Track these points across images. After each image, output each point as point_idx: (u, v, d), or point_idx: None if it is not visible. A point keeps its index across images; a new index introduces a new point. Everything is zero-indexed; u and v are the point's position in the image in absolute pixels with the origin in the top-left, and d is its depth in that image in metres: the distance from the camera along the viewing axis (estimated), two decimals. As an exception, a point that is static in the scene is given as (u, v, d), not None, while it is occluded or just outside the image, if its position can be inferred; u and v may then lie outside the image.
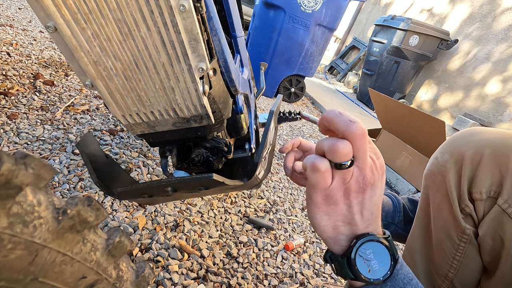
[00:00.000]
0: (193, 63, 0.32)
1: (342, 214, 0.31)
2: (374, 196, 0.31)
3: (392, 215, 0.60)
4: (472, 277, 0.48)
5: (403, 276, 0.31)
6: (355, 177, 0.30)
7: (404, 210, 0.62)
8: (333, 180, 0.30)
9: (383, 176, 0.32)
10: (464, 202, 0.45)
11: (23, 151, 0.20)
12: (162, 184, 0.37)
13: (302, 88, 2.89)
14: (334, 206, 0.31)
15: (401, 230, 0.61)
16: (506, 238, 0.40)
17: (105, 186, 0.39)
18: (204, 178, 0.36)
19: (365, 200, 0.31)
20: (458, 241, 0.46)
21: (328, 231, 0.32)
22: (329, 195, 0.30)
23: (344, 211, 0.31)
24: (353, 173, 0.30)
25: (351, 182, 0.30)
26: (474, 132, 0.47)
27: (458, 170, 0.45)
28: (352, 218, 0.31)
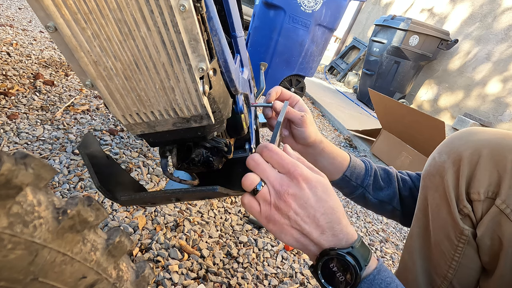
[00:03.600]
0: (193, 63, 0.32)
1: (290, 228, 0.34)
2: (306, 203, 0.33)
3: (362, 178, 0.61)
4: (471, 277, 0.48)
5: (380, 281, 0.32)
6: (272, 194, 0.34)
7: (375, 175, 0.62)
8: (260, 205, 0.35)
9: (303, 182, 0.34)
10: (462, 203, 0.44)
11: (23, 151, 0.20)
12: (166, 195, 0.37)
13: (302, 88, 2.89)
14: (279, 224, 0.34)
15: (368, 193, 0.62)
16: (505, 239, 0.40)
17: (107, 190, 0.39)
18: (209, 190, 0.36)
19: (298, 208, 0.33)
20: (456, 241, 0.46)
21: (295, 245, 0.35)
22: (268, 217, 0.34)
23: (289, 225, 0.34)
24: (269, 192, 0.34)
25: (273, 200, 0.34)
26: (471, 132, 0.47)
27: (456, 170, 0.45)
28: (302, 229, 0.34)
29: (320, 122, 2.80)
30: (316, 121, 2.77)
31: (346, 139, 2.47)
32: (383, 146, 2.11)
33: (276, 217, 0.34)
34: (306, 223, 0.33)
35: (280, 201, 0.33)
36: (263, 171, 0.36)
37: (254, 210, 0.35)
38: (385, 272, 0.33)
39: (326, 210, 0.34)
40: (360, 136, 2.50)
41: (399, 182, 0.63)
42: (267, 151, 0.36)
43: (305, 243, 0.34)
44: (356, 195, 0.62)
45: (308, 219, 0.33)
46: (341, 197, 1.50)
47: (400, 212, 0.63)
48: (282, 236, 0.35)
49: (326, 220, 0.33)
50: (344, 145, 2.35)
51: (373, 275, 0.32)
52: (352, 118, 3.07)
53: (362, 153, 2.26)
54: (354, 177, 0.60)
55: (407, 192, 0.62)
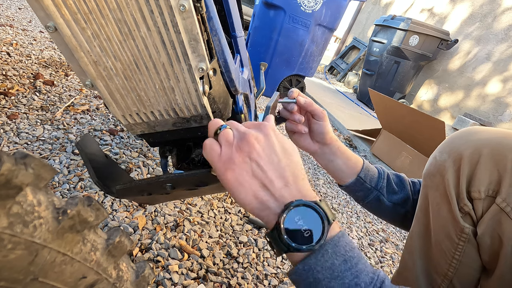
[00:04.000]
0: (193, 63, 0.32)
1: (250, 177, 0.30)
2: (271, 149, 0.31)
3: (376, 181, 0.61)
4: (471, 276, 0.48)
5: (344, 244, 0.30)
6: (236, 135, 0.32)
7: (388, 179, 0.62)
8: (221, 147, 0.32)
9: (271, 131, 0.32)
10: (463, 201, 0.45)
11: (23, 151, 0.20)
12: (160, 181, 0.37)
13: (302, 88, 2.89)
14: (238, 171, 0.30)
15: (382, 196, 0.61)
16: (505, 237, 0.41)
17: (104, 185, 0.39)
18: (202, 173, 0.36)
19: (261, 151, 0.31)
20: (457, 240, 0.46)
21: (253, 202, 0.31)
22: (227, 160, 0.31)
23: (250, 171, 0.30)
24: (233, 133, 0.32)
25: (235, 141, 0.32)
26: (472, 131, 0.47)
27: (456, 169, 0.45)
28: (263, 178, 0.30)
29: (320, 122, 2.80)
30: (316, 121, 2.77)
31: (346, 139, 2.47)
32: (383, 146, 2.11)
33: (236, 160, 0.30)
34: (268, 170, 0.30)
35: (243, 141, 0.31)
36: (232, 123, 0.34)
37: (214, 152, 0.32)
38: (347, 237, 0.32)
39: (291, 162, 0.31)
40: (360, 136, 2.50)
41: (411, 186, 0.64)
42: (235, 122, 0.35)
43: (265, 199, 0.30)
44: (370, 198, 0.61)
45: (271, 165, 0.31)
46: (340, 196, 1.50)
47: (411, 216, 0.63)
48: (239, 190, 0.31)
49: (290, 172, 0.31)
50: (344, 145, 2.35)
51: (337, 237, 0.30)
52: (352, 118, 3.07)
53: (362, 153, 2.26)
54: (368, 179, 0.60)
55: (417, 196, 0.62)
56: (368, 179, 0.60)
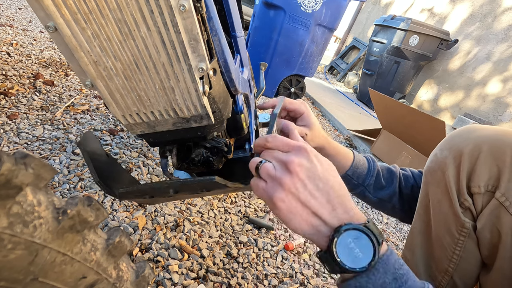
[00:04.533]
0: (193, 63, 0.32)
1: (299, 206, 0.31)
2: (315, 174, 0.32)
3: (364, 178, 0.61)
4: (471, 272, 0.48)
5: (394, 261, 0.31)
6: (277, 167, 0.32)
7: (377, 175, 0.62)
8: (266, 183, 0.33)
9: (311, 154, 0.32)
10: (463, 196, 0.45)
11: (23, 151, 0.20)
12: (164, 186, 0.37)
13: (302, 88, 2.89)
14: (287, 202, 0.31)
15: (368, 192, 0.62)
16: (503, 231, 0.41)
17: (106, 185, 0.39)
18: (206, 181, 0.36)
19: (306, 180, 0.31)
20: (457, 235, 0.47)
21: (306, 229, 0.32)
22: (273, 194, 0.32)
23: (299, 201, 0.31)
24: (274, 166, 0.33)
25: (278, 173, 0.32)
26: (472, 129, 0.48)
27: (457, 165, 0.46)
28: (312, 206, 0.31)
29: (320, 122, 2.80)
30: (316, 121, 2.77)
31: (346, 139, 2.47)
32: (383, 146, 2.11)
33: (283, 192, 0.31)
34: (315, 197, 0.31)
35: (286, 173, 0.31)
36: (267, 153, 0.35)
37: (260, 189, 0.33)
38: (395, 253, 0.33)
39: (335, 184, 0.32)
40: (360, 136, 2.50)
41: (401, 181, 0.64)
42: (271, 137, 0.35)
43: (316, 224, 0.32)
44: (356, 192, 0.63)
45: (318, 192, 0.31)
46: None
47: (399, 210, 0.64)
48: (291, 218, 0.32)
49: (336, 195, 0.32)
50: (344, 145, 2.35)
51: (387, 255, 0.31)
52: (352, 118, 3.07)
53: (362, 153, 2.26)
54: (355, 176, 0.61)
55: (409, 190, 0.63)
56: (355, 176, 0.61)
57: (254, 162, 0.35)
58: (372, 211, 1.49)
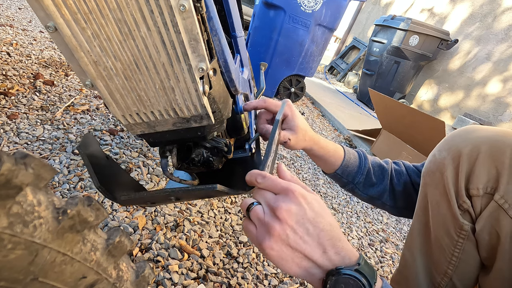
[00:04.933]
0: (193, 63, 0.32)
1: (291, 251, 0.31)
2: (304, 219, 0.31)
3: (353, 176, 0.61)
4: (470, 273, 0.48)
5: None
6: (266, 211, 0.32)
7: (368, 173, 0.62)
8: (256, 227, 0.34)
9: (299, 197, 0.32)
10: (462, 198, 0.45)
11: (23, 151, 0.20)
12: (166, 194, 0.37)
13: (302, 88, 2.89)
14: (277, 247, 0.31)
15: (357, 189, 0.62)
16: (502, 234, 0.41)
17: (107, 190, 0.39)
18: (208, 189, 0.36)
19: (294, 225, 0.31)
20: (456, 237, 0.47)
21: (298, 272, 0.32)
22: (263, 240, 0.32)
23: (289, 247, 0.31)
24: (264, 209, 0.33)
25: (266, 218, 0.32)
26: (471, 129, 0.48)
27: (455, 167, 0.46)
28: (302, 250, 0.31)
29: (320, 122, 2.80)
30: (316, 121, 2.77)
31: (346, 139, 2.47)
32: (383, 146, 2.11)
33: (272, 239, 0.31)
34: (305, 242, 0.31)
35: (275, 219, 0.31)
36: (258, 193, 0.35)
37: (250, 233, 0.34)
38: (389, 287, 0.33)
39: (325, 226, 0.32)
40: (360, 136, 2.50)
41: (393, 178, 0.63)
42: (261, 178, 0.35)
43: (307, 267, 0.32)
44: (346, 188, 0.64)
45: (308, 236, 0.31)
46: (340, 196, 1.50)
47: (389, 206, 0.64)
48: (282, 263, 0.32)
49: (327, 237, 0.32)
50: (344, 145, 2.35)
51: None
52: (352, 118, 3.07)
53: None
54: (345, 175, 0.62)
55: (401, 186, 0.63)
56: (345, 175, 0.61)
57: (245, 203, 0.35)
58: (372, 211, 1.49)
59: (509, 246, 0.41)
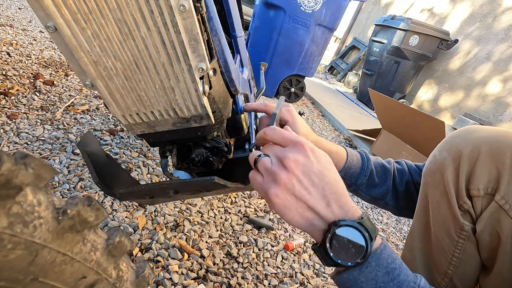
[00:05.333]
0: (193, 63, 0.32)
1: (295, 200, 0.32)
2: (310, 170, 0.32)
3: (356, 177, 0.61)
4: (471, 273, 0.48)
5: (387, 256, 0.32)
6: (274, 161, 0.33)
7: (370, 174, 0.62)
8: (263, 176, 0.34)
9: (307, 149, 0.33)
10: (462, 199, 0.45)
11: (23, 151, 0.20)
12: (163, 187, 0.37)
13: (302, 88, 2.89)
14: (281, 196, 0.32)
15: (360, 191, 0.62)
16: (503, 234, 0.41)
17: (106, 186, 0.39)
18: (206, 181, 0.36)
19: (301, 175, 0.32)
20: (457, 238, 0.47)
21: (301, 222, 0.33)
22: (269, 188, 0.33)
23: (293, 196, 0.32)
24: (271, 160, 0.33)
25: (274, 167, 0.33)
26: (471, 130, 0.47)
27: (456, 167, 0.46)
28: (306, 200, 0.32)
29: (320, 122, 2.80)
30: (316, 121, 2.77)
31: (346, 139, 2.47)
32: (383, 146, 2.11)
33: (278, 187, 0.32)
34: (310, 192, 0.32)
35: (282, 168, 0.32)
36: (267, 147, 0.35)
37: (256, 182, 0.34)
38: (389, 248, 0.33)
39: (330, 180, 0.32)
40: (360, 136, 2.50)
41: (395, 178, 0.63)
42: (269, 129, 0.36)
43: (310, 218, 0.32)
44: (349, 190, 0.63)
45: (313, 188, 0.32)
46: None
47: (392, 206, 0.63)
48: (287, 212, 0.32)
49: (331, 191, 0.32)
50: (344, 145, 2.35)
51: (380, 250, 0.32)
52: (352, 118, 3.07)
53: (362, 153, 2.26)
54: (348, 176, 0.61)
55: (403, 186, 0.62)
56: (348, 176, 0.61)
57: (253, 155, 0.36)
58: (373, 211, 1.49)
59: (510, 246, 0.40)
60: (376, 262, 0.31)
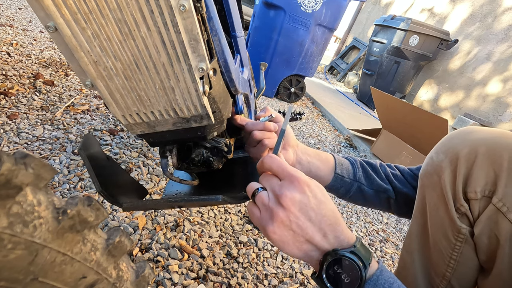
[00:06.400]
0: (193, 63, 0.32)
1: (292, 235, 0.33)
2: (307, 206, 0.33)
3: (353, 173, 0.61)
4: (469, 276, 0.48)
5: (383, 281, 0.32)
6: (271, 197, 0.34)
7: (362, 166, 0.63)
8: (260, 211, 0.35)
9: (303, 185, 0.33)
10: (459, 202, 0.45)
11: (23, 151, 0.20)
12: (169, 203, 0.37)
13: (302, 88, 2.89)
14: (279, 231, 0.33)
15: (363, 185, 0.62)
16: (502, 237, 0.41)
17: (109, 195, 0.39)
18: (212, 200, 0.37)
19: (297, 212, 0.33)
20: (454, 240, 0.47)
21: (299, 254, 0.34)
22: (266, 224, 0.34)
23: (292, 232, 0.33)
24: (268, 195, 0.34)
25: (271, 203, 0.33)
26: (468, 131, 0.47)
27: (453, 169, 0.45)
28: (304, 234, 0.33)
29: (320, 122, 2.80)
30: (316, 121, 2.77)
31: (346, 139, 2.47)
32: (383, 146, 2.11)
33: (276, 224, 0.33)
34: (307, 227, 0.33)
35: (279, 206, 0.33)
36: (265, 178, 0.36)
37: (254, 216, 0.35)
38: (386, 272, 0.33)
39: (327, 212, 0.33)
40: (360, 136, 2.50)
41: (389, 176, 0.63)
42: (267, 159, 0.36)
43: (308, 250, 0.34)
44: (353, 191, 0.62)
45: (309, 222, 0.33)
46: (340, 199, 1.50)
47: (394, 201, 0.63)
48: (284, 246, 0.34)
49: (328, 223, 0.33)
50: (344, 145, 2.35)
51: (376, 276, 0.32)
52: (352, 118, 3.07)
53: (362, 153, 2.26)
54: (345, 173, 0.61)
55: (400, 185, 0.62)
56: (345, 173, 0.61)
57: (251, 187, 0.37)
58: (372, 211, 1.49)
59: (509, 249, 0.40)
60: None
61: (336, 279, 0.32)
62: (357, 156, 2.21)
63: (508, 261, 0.40)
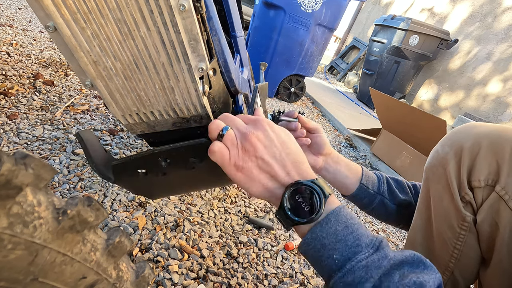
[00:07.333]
0: (193, 63, 0.32)
1: (258, 172, 0.35)
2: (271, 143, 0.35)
3: (378, 186, 0.62)
4: (472, 267, 0.49)
5: (345, 213, 0.34)
6: (238, 136, 0.35)
7: (388, 182, 0.64)
8: (229, 150, 0.35)
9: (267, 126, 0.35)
10: (464, 190, 0.46)
11: (23, 151, 0.20)
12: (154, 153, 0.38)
13: (302, 88, 2.89)
14: (247, 169, 0.34)
15: (386, 199, 0.63)
16: (501, 224, 0.42)
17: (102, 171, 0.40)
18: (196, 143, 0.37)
19: (263, 149, 0.34)
20: (458, 229, 0.48)
21: (264, 193, 0.35)
22: (237, 162, 0.34)
23: (258, 168, 0.35)
24: (236, 134, 0.35)
25: (239, 142, 0.35)
26: (472, 126, 0.49)
27: (457, 161, 0.47)
28: (269, 170, 0.34)
29: (320, 122, 2.80)
30: (316, 121, 2.77)
31: (346, 139, 2.47)
32: (383, 146, 2.11)
33: (244, 161, 0.34)
34: (272, 163, 0.34)
35: (246, 142, 0.34)
36: (229, 120, 0.37)
37: (224, 157, 0.35)
38: (348, 209, 0.35)
39: (291, 151, 0.35)
40: (360, 135, 2.50)
41: (411, 189, 0.65)
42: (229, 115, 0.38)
43: (273, 187, 0.35)
44: (376, 204, 0.62)
45: (274, 159, 0.34)
46: (339, 197, 1.50)
47: None
48: (251, 185, 0.35)
49: (291, 160, 0.35)
50: (344, 145, 2.35)
51: (338, 208, 0.34)
52: (352, 118, 3.07)
53: (362, 153, 2.26)
54: (370, 185, 0.62)
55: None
56: (370, 185, 0.62)
57: (217, 126, 0.36)
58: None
59: (508, 236, 0.42)
60: (335, 218, 0.33)
61: (297, 207, 0.33)
62: (357, 156, 2.21)
63: (507, 249, 0.42)
